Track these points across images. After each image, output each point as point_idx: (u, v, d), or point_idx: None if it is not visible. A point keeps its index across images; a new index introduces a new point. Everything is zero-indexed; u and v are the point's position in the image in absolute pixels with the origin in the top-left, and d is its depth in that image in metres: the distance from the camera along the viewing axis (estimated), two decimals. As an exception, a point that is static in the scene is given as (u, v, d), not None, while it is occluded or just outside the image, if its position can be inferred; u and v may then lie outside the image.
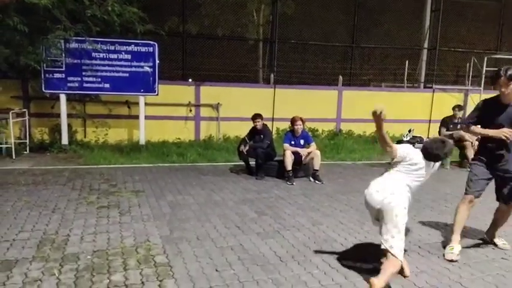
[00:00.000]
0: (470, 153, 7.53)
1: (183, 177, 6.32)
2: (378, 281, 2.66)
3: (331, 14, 11.13)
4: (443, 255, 3.51)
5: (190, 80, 9.84)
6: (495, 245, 3.81)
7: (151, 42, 8.15)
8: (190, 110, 9.48)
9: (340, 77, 10.51)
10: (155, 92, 8.31)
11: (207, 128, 9.69)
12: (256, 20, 11.37)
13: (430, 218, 4.61)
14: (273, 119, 9.79)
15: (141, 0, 7.97)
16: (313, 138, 9.70)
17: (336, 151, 8.96)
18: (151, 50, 8.15)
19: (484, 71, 10.66)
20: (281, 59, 10.60)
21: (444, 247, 3.66)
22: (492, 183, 3.68)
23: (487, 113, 3.57)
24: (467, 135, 7.62)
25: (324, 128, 10.36)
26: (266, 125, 6.86)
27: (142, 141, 8.47)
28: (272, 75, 10.20)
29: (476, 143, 7.89)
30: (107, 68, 8.00)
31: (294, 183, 6.09)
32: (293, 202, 5.12)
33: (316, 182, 6.26)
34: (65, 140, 8.14)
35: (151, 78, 8.20)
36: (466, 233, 4.04)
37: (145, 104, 8.64)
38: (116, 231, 3.88)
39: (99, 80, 8.00)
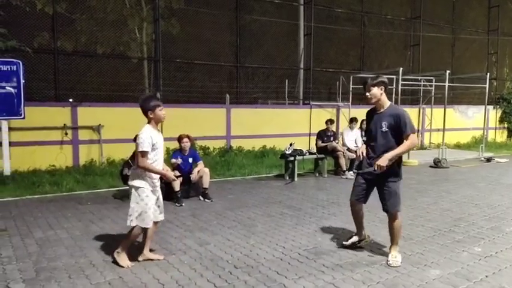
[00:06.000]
0: (343, 162, 8.40)
1: (57, 210, 5.66)
2: None
3: (216, 34, 11.44)
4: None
5: (71, 100, 8.96)
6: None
7: (14, 61, 7.23)
8: (66, 133, 8.62)
9: (227, 95, 10.80)
10: (21, 115, 7.36)
11: (88, 152, 8.92)
12: (139, 38, 11.03)
13: (309, 225, 4.95)
14: (161, 139, 9.51)
15: (1, 13, 7.08)
16: (205, 156, 9.76)
17: (227, 168, 9.08)
18: (15, 69, 7.23)
19: (351, 88, 12.09)
20: (167, 78, 10.43)
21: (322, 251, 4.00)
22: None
23: (367, 122, 3.97)
24: (339, 146, 8.49)
25: (214, 146, 10.44)
26: (151, 145, 6.61)
27: (7, 171, 7.38)
28: (158, 94, 9.94)
29: (348, 153, 8.83)
30: (-44, 89, 6.85)
31: (183, 204, 5.96)
32: (181, 224, 4.99)
33: (206, 200, 6.24)
34: None
35: (15, 100, 7.25)
36: (339, 236, 4.46)
37: (10, 128, 7.59)
38: (-36, 282, 3.26)
39: None
